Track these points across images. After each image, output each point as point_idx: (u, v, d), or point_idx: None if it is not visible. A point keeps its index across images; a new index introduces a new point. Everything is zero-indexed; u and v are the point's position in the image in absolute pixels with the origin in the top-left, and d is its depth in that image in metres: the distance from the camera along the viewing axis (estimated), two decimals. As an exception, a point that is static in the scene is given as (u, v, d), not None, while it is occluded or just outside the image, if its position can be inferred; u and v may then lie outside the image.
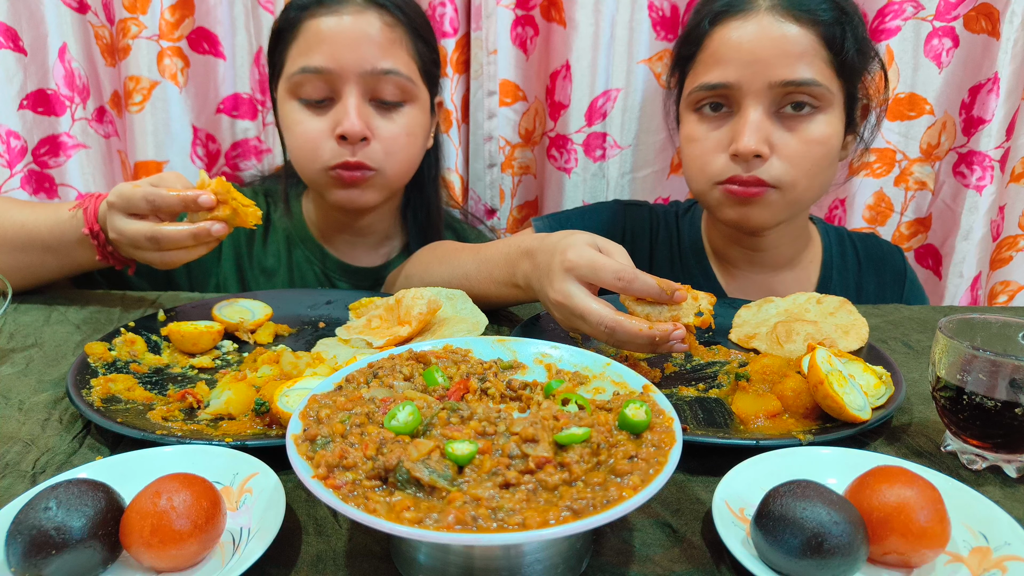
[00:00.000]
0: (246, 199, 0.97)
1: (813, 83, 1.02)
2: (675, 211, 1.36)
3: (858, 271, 1.32)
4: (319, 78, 1.11)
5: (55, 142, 1.47)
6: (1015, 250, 1.59)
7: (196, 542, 0.51)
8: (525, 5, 1.53)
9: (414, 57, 1.17)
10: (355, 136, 1.11)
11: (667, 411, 0.56)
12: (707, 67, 1.08)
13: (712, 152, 1.09)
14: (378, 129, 1.14)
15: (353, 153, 1.13)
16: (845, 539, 0.49)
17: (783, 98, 1.04)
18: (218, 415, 0.74)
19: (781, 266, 1.26)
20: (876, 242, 1.38)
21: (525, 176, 1.67)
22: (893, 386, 0.78)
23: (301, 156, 1.17)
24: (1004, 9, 1.40)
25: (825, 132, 1.06)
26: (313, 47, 1.11)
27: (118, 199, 0.94)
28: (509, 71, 1.55)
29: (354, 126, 1.10)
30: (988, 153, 1.47)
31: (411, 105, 1.17)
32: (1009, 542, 0.54)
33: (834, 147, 1.08)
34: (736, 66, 1.04)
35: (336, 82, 1.11)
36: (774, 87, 1.03)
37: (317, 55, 1.11)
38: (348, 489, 0.47)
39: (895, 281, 1.35)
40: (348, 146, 1.13)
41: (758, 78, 1.03)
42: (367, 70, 1.11)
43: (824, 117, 1.06)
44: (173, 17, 1.49)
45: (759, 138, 1.03)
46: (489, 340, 0.71)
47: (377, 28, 1.12)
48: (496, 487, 0.48)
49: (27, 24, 1.40)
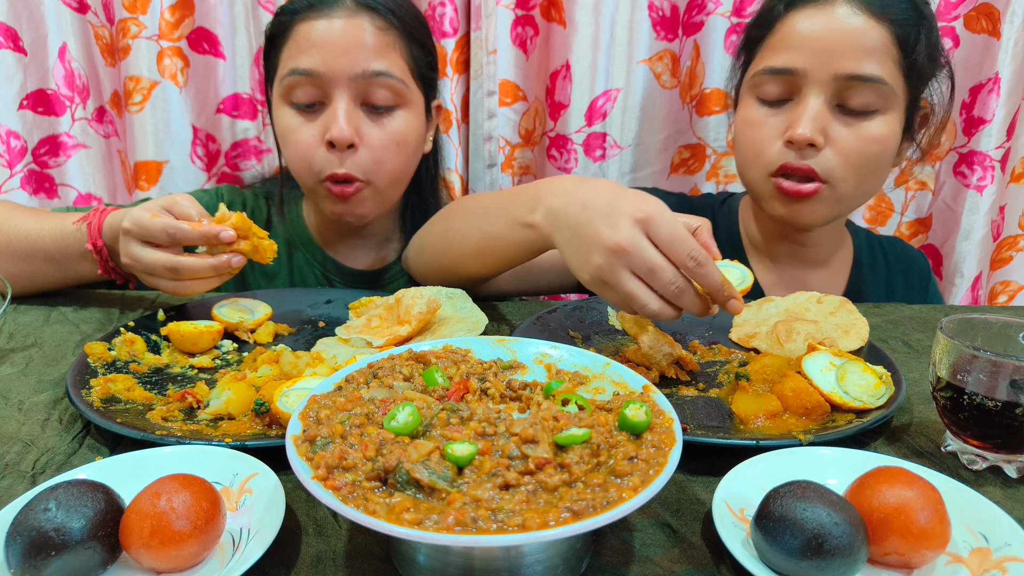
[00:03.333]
0: (262, 232, 0.96)
1: (879, 80, 1.01)
2: (711, 203, 1.35)
3: (887, 272, 1.32)
4: (309, 81, 1.10)
5: (55, 142, 1.47)
6: (1015, 250, 1.59)
7: (196, 543, 0.51)
8: (525, 5, 1.53)
9: (407, 60, 1.15)
10: (342, 142, 1.09)
11: (667, 411, 0.56)
12: (775, 51, 1.08)
13: (769, 139, 1.08)
14: (368, 136, 1.13)
15: (341, 163, 1.11)
16: (845, 540, 0.49)
17: (846, 92, 1.03)
18: (218, 415, 0.74)
19: (818, 264, 1.26)
20: (903, 246, 1.39)
21: (525, 176, 1.67)
22: (893, 386, 0.78)
23: (297, 166, 1.16)
24: (1004, 9, 1.40)
25: (883, 132, 1.04)
26: (303, 50, 1.10)
27: (135, 227, 0.92)
28: (509, 71, 1.55)
29: (343, 132, 1.09)
30: (989, 153, 1.47)
31: (404, 110, 1.16)
32: (1009, 543, 0.54)
33: (890, 149, 1.07)
34: (804, 53, 1.03)
35: (326, 85, 1.10)
36: (839, 79, 1.02)
37: (307, 58, 1.10)
38: (348, 490, 0.47)
39: (921, 286, 1.36)
40: (337, 154, 1.11)
41: (824, 68, 1.02)
42: (357, 72, 1.10)
43: (884, 117, 1.04)
44: (173, 17, 1.49)
45: (815, 127, 1.02)
46: (489, 340, 0.71)
47: (368, 31, 1.10)
48: (496, 488, 0.48)
49: (27, 24, 1.40)
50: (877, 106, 1.03)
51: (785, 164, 1.06)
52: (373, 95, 1.12)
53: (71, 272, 1.06)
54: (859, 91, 1.02)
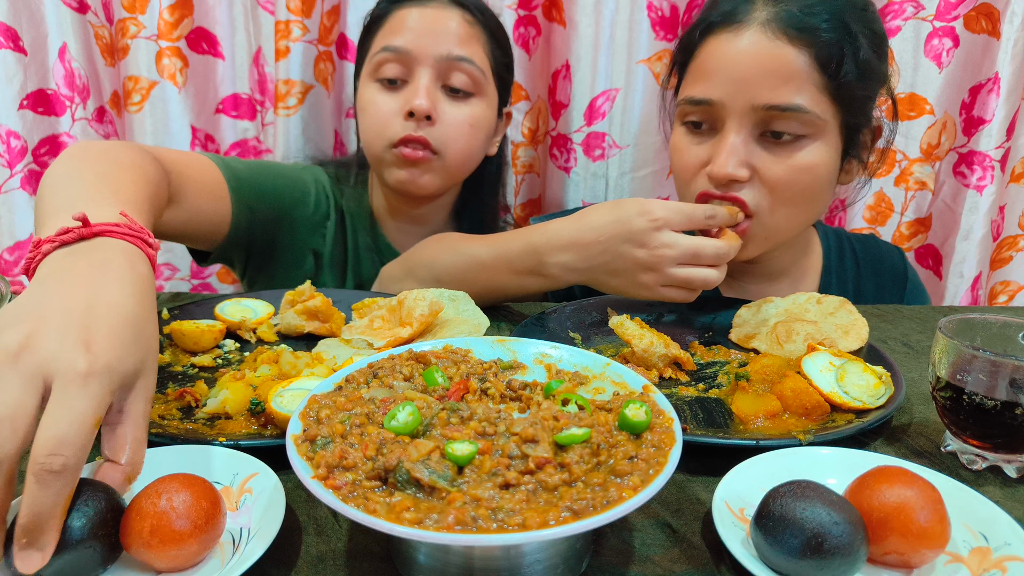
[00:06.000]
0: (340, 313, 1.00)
1: (799, 109, 0.95)
2: None
3: (857, 275, 1.29)
4: (397, 58, 1.19)
5: (55, 142, 1.47)
6: (1015, 250, 1.59)
7: (196, 542, 0.51)
8: (527, 5, 1.53)
9: (488, 55, 1.25)
10: (421, 112, 1.17)
11: (667, 411, 0.56)
12: (695, 80, 1.03)
13: (693, 167, 1.04)
14: (444, 113, 1.20)
15: (417, 129, 1.19)
16: (845, 539, 0.49)
17: (768, 122, 0.97)
18: (215, 414, 0.74)
19: (779, 275, 1.22)
20: (875, 244, 1.36)
21: (529, 174, 1.67)
22: (893, 386, 0.78)
23: (370, 132, 1.23)
24: (1004, 9, 1.40)
25: (813, 160, 0.98)
26: (396, 32, 1.21)
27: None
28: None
29: (422, 103, 1.17)
30: (988, 153, 1.47)
31: (479, 98, 1.24)
32: (1009, 542, 0.54)
33: (822, 176, 1.01)
34: (720, 83, 0.98)
35: (411, 63, 1.19)
36: (757, 110, 0.96)
37: (399, 38, 1.20)
38: (348, 489, 0.47)
39: (894, 283, 1.32)
40: (414, 122, 1.19)
41: (741, 98, 0.97)
42: (442, 54, 1.19)
43: (815, 145, 0.98)
44: (172, 17, 1.49)
45: (736, 162, 0.97)
46: (489, 340, 0.71)
47: (456, 21, 1.21)
48: (496, 487, 0.48)
49: (27, 24, 1.40)
50: (804, 132, 0.97)
51: (707, 192, 1.02)
52: (453, 78, 1.21)
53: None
54: (782, 120, 0.96)
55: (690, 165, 1.05)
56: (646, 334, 0.87)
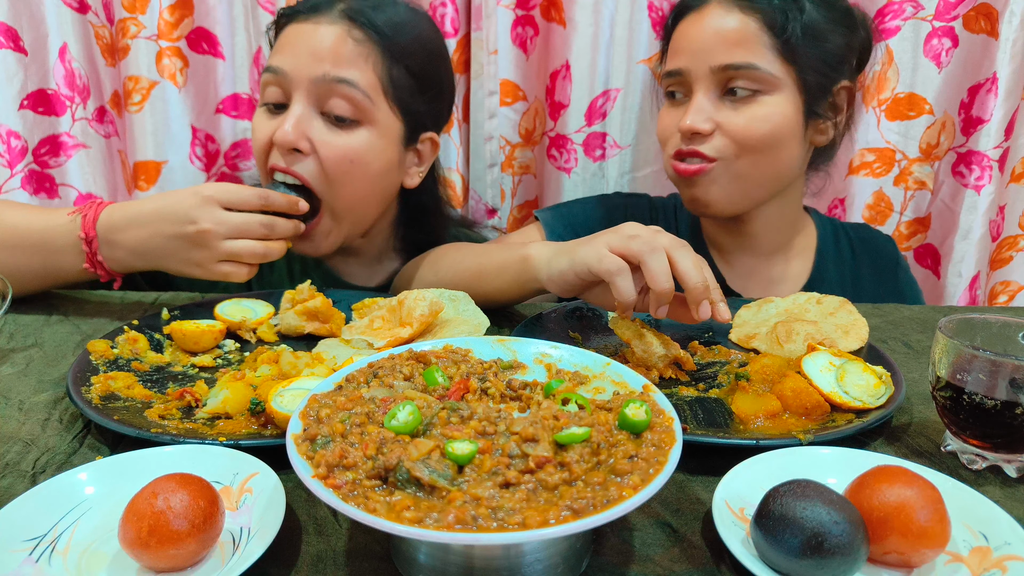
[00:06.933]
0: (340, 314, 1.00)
1: (751, 67, 1.09)
2: (673, 203, 1.39)
3: (853, 260, 1.35)
4: (276, 80, 1.09)
5: (55, 142, 1.47)
6: (1015, 250, 1.59)
7: (194, 542, 0.51)
8: (525, 5, 1.53)
9: (381, 78, 1.09)
10: (283, 144, 1.06)
11: (667, 411, 0.56)
12: (670, 57, 1.20)
13: (670, 130, 1.18)
14: (320, 145, 1.07)
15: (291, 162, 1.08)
16: (845, 539, 0.49)
17: (727, 82, 1.12)
18: (215, 414, 0.74)
19: (772, 252, 1.29)
20: (868, 231, 1.42)
21: (525, 176, 1.67)
22: (893, 386, 0.78)
23: (256, 162, 1.15)
24: (1003, 9, 1.40)
25: (768, 112, 1.11)
26: (280, 50, 1.11)
27: (222, 193, 0.97)
28: (509, 71, 1.55)
29: (285, 134, 1.05)
30: (987, 153, 1.47)
31: (366, 128, 1.09)
32: (1009, 542, 0.54)
33: (781, 126, 1.12)
34: (687, 54, 1.15)
35: (289, 86, 1.08)
36: (715, 71, 1.11)
37: (278, 57, 1.10)
38: (348, 489, 0.47)
39: (889, 270, 1.38)
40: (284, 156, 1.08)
41: (702, 64, 1.12)
42: (318, 75, 1.06)
43: (770, 98, 1.11)
44: (172, 17, 1.49)
45: (701, 117, 1.12)
46: (489, 340, 0.71)
47: (343, 39, 1.07)
48: (496, 487, 0.48)
49: (27, 24, 1.40)
50: (759, 87, 1.11)
51: (679, 150, 1.16)
52: (332, 104, 1.07)
53: (53, 265, 1.03)
54: (738, 78, 1.11)
55: (668, 128, 1.19)
56: (646, 334, 0.87)
